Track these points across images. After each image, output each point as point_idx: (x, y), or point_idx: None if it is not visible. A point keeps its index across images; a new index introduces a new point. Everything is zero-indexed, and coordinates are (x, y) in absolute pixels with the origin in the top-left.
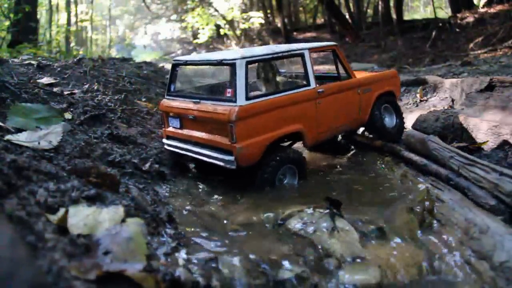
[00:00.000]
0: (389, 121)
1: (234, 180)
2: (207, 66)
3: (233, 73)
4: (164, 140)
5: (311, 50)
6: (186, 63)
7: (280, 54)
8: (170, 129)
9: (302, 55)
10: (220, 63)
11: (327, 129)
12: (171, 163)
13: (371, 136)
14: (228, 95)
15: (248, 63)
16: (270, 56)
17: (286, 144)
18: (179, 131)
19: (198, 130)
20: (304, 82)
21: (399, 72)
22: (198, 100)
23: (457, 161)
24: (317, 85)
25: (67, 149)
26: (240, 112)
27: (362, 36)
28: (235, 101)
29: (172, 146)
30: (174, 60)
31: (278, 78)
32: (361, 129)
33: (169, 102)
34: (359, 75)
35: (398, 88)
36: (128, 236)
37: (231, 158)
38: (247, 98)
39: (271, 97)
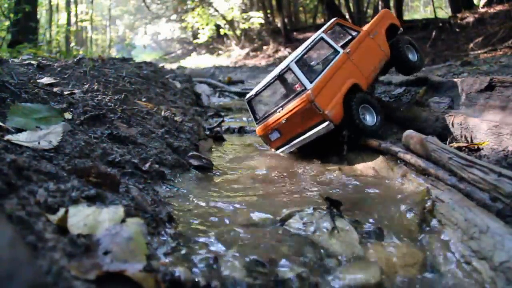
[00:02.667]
0: (412, 56)
1: (234, 179)
2: (272, 84)
3: (293, 74)
4: (275, 151)
5: (324, 31)
6: (256, 94)
7: (309, 48)
8: (275, 141)
9: (322, 39)
10: (279, 76)
11: (371, 71)
12: (171, 163)
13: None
14: (299, 88)
15: (296, 62)
16: (303, 52)
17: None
18: (282, 138)
19: (294, 127)
20: (334, 53)
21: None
22: (280, 108)
23: (456, 162)
24: (343, 50)
25: (67, 149)
26: (313, 91)
27: None
28: (305, 88)
29: (284, 151)
30: (247, 98)
31: (319, 61)
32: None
33: (262, 127)
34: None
35: (395, 19)
36: (128, 236)
37: (327, 123)
38: (311, 82)
39: (323, 73)
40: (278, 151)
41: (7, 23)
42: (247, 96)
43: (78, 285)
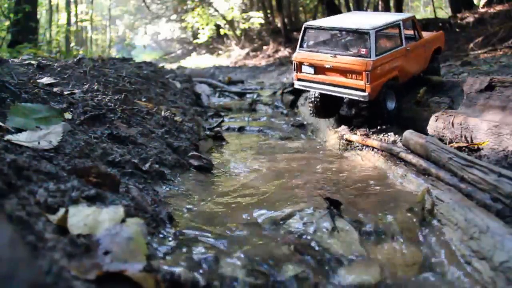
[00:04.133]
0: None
1: (234, 179)
2: (339, 32)
3: (368, 39)
4: (295, 82)
5: (404, 21)
6: (317, 27)
7: (388, 25)
8: (304, 74)
9: (398, 25)
10: (355, 31)
11: (410, 73)
12: (171, 163)
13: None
14: (363, 52)
15: (376, 32)
16: (386, 25)
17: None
18: (313, 76)
19: (333, 76)
20: (399, 43)
21: None
22: (335, 55)
23: (456, 162)
24: (406, 45)
25: (67, 149)
26: (374, 63)
27: None
28: (370, 57)
29: (304, 86)
30: (307, 24)
31: (386, 40)
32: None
33: (302, 55)
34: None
35: (443, 43)
36: (128, 236)
37: (365, 94)
38: (376, 55)
39: (386, 54)
40: (298, 83)
41: (7, 23)
42: (308, 23)
43: (78, 285)
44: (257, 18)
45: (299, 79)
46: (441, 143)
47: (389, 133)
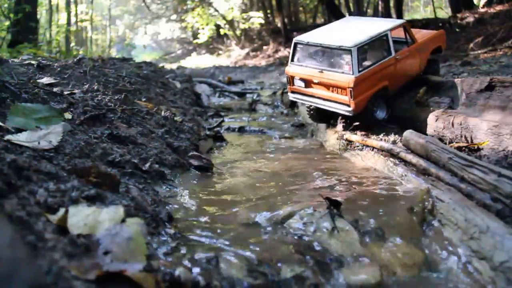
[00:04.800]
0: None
1: (234, 179)
2: (324, 47)
3: (350, 56)
4: (290, 94)
5: (392, 30)
6: (307, 44)
7: (373, 39)
8: (295, 87)
9: (385, 36)
10: (339, 48)
11: (403, 81)
12: (171, 163)
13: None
14: (346, 69)
15: (358, 48)
16: (370, 39)
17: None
18: (304, 89)
19: (321, 90)
20: (386, 53)
21: None
22: (321, 70)
23: (456, 162)
24: (396, 54)
25: (67, 149)
26: (355, 80)
27: None
28: (352, 73)
29: (297, 98)
30: (296, 39)
31: (373, 52)
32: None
33: (293, 69)
34: (418, 35)
35: (444, 42)
36: (128, 236)
37: (350, 108)
38: (359, 71)
39: (370, 68)
40: (291, 96)
41: (7, 23)
42: (297, 38)
43: (78, 285)
44: (257, 18)
45: (292, 92)
46: (441, 143)
47: (389, 133)
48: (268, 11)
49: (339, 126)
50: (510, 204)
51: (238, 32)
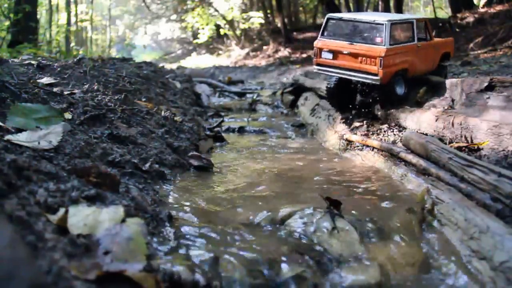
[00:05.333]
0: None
1: (234, 179)
2: (357, 22)
3: (383, 29)
4: (315, 66)
5: (417, 20)
6: (340, 19)
7: (402, 21)
8: (322, 59)
9: (412, 23)
10: (373, 22)
11: (419, 70)
12: (171, 163)
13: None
14: (378, 40)
15: (392, 24)
16: (401, 21)
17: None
18: (331, 60)
19: (349, 61)
20: (411, 39)
21: None
22: (352, 42)
23: (456, 162)
24: (418, 42)
25: (67, 149)
26: (387, 51)
27: None
28: (384, 45)
29: (322, 70)
30: (329, 15)
31: (400, 34)
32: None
33: (323, 42)
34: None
35: (453, 49)
36: (128, 236)
37: (377, 78)
38: (390, 44)
39: (398, 45)
40: (317, 67)
41: (7, 23)
42: (330, 14)
43: (78, 285)
44: (257, 18)
45: (318, 64)
46: (441, 143)
47: (389, 133)
48: (268, 11)
49: (339, 126)
50: (510, 204)
51: (238, 32)
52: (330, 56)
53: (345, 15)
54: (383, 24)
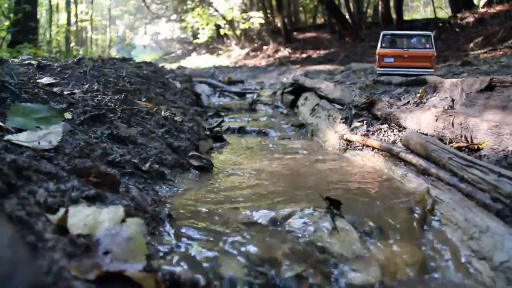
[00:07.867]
0: None
1: (234, 179)
2: (406, 37)
3: (431, 39)
4: (378, 69)
5: (432, 35)
6: (392, 34)
7: (428, 34)
8: (385, 62)
9: (430, 36)
10: (422, 35)
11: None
12: (171, 163)
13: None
14: (428, 46)
15: (433, 35)
16: (433, 35)
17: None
18: (393, 63)
19: (407, 62)
20: (435, 47)
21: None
22: (406, 49)
23: (456, 162)
24: (434, 49)
25: (67, 149)
26: (433, 52)
27: (362, 36)
28: (432, 48)
29: (385, 71)
30: (384, 32)
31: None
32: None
33: (384, 50)
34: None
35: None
36: (128, 236)
37: (432, 70)
38: (436, 48)
39: (433, 48)
40: (379, 70)
41: (7, 23)
42: (384, 32)
43: (78, 285)
44: (257, 18)
45: (381, 66)
46: (441, 143)
47: (389, 133)
48: (268, 11)
49: (339, 126)
50: (510, 204)
51: (238, 32)
52: (391, 60)
53: (396, 32)
54: (429, 36)
